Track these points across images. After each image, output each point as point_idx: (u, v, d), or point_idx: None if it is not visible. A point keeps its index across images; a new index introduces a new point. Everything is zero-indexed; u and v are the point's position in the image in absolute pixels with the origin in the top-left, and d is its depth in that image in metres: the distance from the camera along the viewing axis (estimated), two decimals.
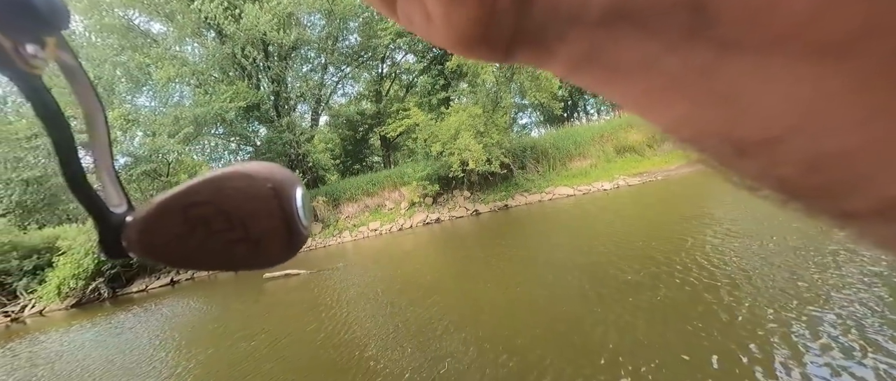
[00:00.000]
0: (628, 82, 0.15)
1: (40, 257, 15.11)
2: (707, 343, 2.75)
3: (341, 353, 4.12)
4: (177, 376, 4.48)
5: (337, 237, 16.07)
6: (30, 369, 6.15)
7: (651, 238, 5.77)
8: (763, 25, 0.11)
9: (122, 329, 7.97)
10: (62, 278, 13.82)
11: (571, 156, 17.34)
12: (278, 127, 17.24)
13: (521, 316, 4.03)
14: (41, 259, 15.11)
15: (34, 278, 15.18)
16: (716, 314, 3.14)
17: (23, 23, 0.19)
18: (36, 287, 15.04)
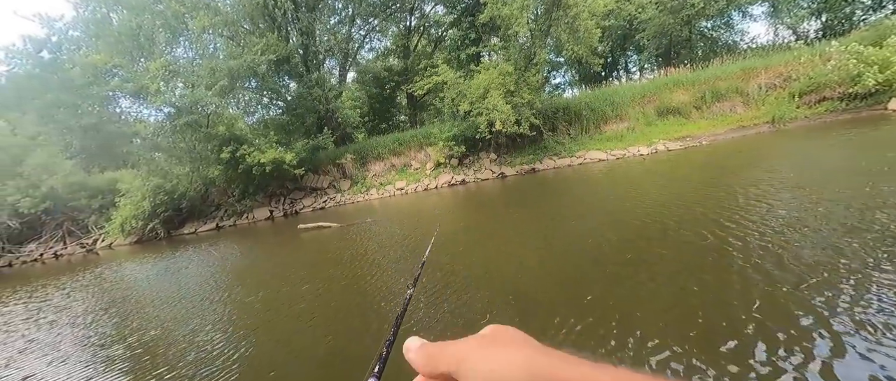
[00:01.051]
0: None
1: (104, 197, 16.92)
2: (722, 318, 2.66)
3: (365, 297, 4.42)
4: (224, 309, 5.01)
5: (364, 194, 16.59)
6: (115, 292, 7.07)
7: (683, 209, 5.47)
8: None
9: (179, 266, 8.89)
10: (125, 218, 15.53)
11: (607, 118, 16.33)
12: (308, 82, 17.30)
13: (537, 276, 4.07)
14: (105, 200, 16.92)
15: (101, 215, 17.14)
16: (740, 295, 3.00)
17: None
18: (104, 224, 17.04)
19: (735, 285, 3.03)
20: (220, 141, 14.61)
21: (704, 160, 9.84)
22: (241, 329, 4.16)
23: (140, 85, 12.59)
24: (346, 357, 3.09)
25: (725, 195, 5.67)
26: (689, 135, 14.03)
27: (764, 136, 12.63)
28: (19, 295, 8.38)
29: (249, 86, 16.84)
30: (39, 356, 4.08)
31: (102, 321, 5.07)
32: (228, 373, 3.12)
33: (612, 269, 3.83)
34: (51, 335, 4.90)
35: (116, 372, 3.32)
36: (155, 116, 15.38)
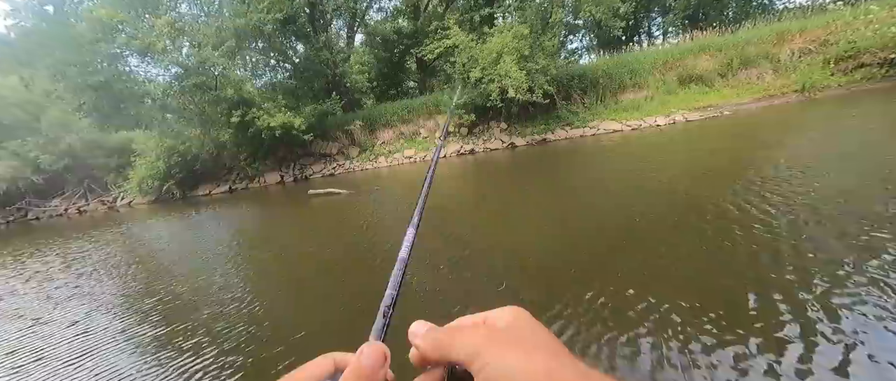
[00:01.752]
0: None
1: (121, 157, 17.42)
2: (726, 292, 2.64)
3: (373, 260, 4.52)
4: (237, 268, 5.23)
5: (373, 162, 16.60)
6: (143, 248, 7.42)
7: (692, 186, 5.31)
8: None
9: (195, 225, 9.23)
10: (141, 177, 16.05)
11: (624, 86, 15.63)
12: (315, 44, 16.79)
13: (542, 246, 4.05)
14: (122, 159, 17.44)
15: (119, 174, 17.74)
16: (750, 268, 2.94)
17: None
18: (122, 183, 17.66)
19: (746, 259, 2.99)
20: (229, 104, 14.54)
21: (724, 132, 9.44)
22: (260, 284, 4.35)
23: (147, 43, 12.40)
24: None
25: (743, 170, 5.48)
26: (710, 105, 13.40)
27: (791, 106, 11.98)
28: (54, 247, 8.86)
29: (256, 47, 16.46)
30: (81, 304, 4.35)
31: (137, 274, 5.31)
32: (258, 320, 3.29)
33: (621, 242, 3.80)
34: (90, 284, 5.20)
35: (153, 322, 3.50)
36: (163, 76, 15.31)
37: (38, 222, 16.62)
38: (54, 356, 3.11)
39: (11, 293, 5.28)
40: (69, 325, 3.75)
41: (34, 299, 4.79)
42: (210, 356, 2.73)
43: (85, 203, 18.18)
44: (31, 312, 4.32)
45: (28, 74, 14.56)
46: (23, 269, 6.81)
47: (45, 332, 3.68)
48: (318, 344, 2.74)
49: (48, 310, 4.32)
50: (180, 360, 2.73)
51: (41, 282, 5.69)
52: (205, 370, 2.60)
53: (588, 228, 4.38)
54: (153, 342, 3.08)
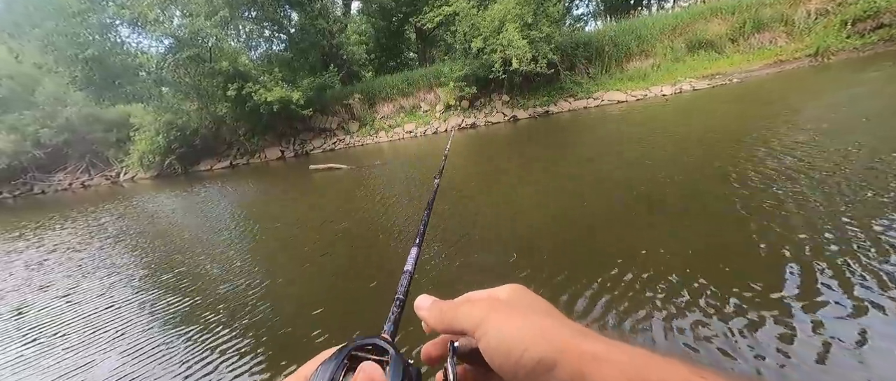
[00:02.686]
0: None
1: (120, 131, 17.35)
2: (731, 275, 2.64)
3: (367, 232, 4.59)
4: (250, 242, 5.32)
5: (373, 137, 16.44)
6: (148, 222, 7.52)
7: (702, 158, 5.24)
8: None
9: (199, 199, 9.31)
10: (142, 152, 16.06)
11: (631, 55, 15.12)
12: (310, 12, 16.15)
13: (540, 219, 4.05)
14: (121, 133, 17.38)
15: (120, 149, 17.76)
16: (754, 255, 2.94)
17: None
18: (123, 157, 17.70)
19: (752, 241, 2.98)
20: (224, 77, 14.22)
21: (731, 101, 9.19)
22: (272, 258, 4.43)
23: (137, 12, 11.97)
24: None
25: (754, 140, 5.38)
26: (719, 72, 12.99)
27: (803, 71, 11.60)
28: (70, 221, 8.97)
29: (250, 16, 15.88)
30: (107, 276, 4.42)
31: (155, 247, 5.38)
32: (275, 296, 3.35)
33: (628, 215, 3.78)
34: (112, 256, 5.29)
35: (176, 295, 3.56)
36: (156, 48, 14.92)
37: (45, 197, 16.83)
38: (89, 326, 3.18)
39: (40, 264, 5.40)
40: (98, 295, 3.84)
41: (63, 271, 4.88)
42: (230, 329, 2.79)
43: (88, 178, 18.32)
44: (62, 283, 4.41)
45: (17, 45, 14.23)
46: (45, 241, 6.94)
47: (78, 301, 3.77)
48: (334, 319, 2.78)
49: (77, 280, 4.41)
50: (204, 334, 2.78)
51: (65, 253, 5.80)
52: (229, 342, 2.67)
53: (593, 200, 4.37)
54: (178, 316, 3.13)
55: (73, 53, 12.29)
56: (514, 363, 0.28)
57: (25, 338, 3.15)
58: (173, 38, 13.00)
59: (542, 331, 0.28)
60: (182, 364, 2.45)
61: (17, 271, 5.21)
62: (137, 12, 12.29)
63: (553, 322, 0.29)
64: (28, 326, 3.38)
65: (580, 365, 0.25)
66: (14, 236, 7.90)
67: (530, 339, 0.28)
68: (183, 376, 2.33)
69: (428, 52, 21.95)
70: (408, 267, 0.47)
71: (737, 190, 3.60)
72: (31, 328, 3.34)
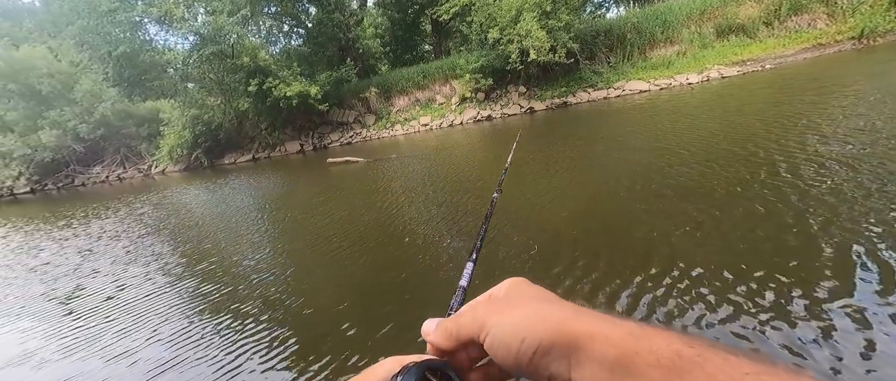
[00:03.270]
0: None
1: (150, 126, 18.25)
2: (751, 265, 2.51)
3: (389, 226, 4.65)
4: (263, 229, 5.51)
5: (389, 130, 16.56)
6: (184, 214, 7.85)
7: (728, 149, 4.97)
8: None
9: (226, 192, 9.67)
10: (170, 146, 16.84)
11: (655, 42, 14.48)
12: (327, 6, 16.34)
13: (555, 213, 3.97)
14: (152, 128, 18.27)
15: (150, 143, 18.69)
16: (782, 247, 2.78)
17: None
18: (154, 151, 18.63)
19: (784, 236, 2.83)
20: (246, 73, 14.65)
21: (766, 88, 8.66)
22: (293, 247, 4.56)
23: (164, 11, 12.46)
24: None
25: (790, 130, 5.07)
26: (750, 58, 12.26)
27: (845, 55, 10.79)
28: (110, 211, 9.52)
29: (269, 11, 16.22)
30: (149, 264, 4.65)
31: (191, 237, 5.65)
32: (305, 290, 3.46)
33: (649, 208, 3.69)
34: (152, 245, 5.59)
35: (212, 284, 3.71)
36: (182, 45, 15.53)
37: (85, 188, 17.95)
38: (135, 311, 3.34)
39: (90, 251, 5.74)
40: (142, 281, 4.04)
41: (109, 258, 5.17)
42: (262, 321, 2.85)
43: (123, 171, 19.40)
44: (109, 269, 4.69)
45: (55, 44, 15.09)
46: (91, 229, 7.38)
47: (124, 286, 3.97)
48: (361, 312, 2.80)
49: (123, 267, 4.67)
50: (238, 322, 2.85)
51: (110, 241, 6.15)
52: (261, 333, 2.75)
53: (614, 193, 4.27)
54: (213, 304, 3.23)
55: (106, 51, 12.96)
56: (515, 354, 0.28)
57: (79, 321, 3.35)
58: (197, 35, 13.46)
59: (537, 317, 0.29)
60: (220, 349, 2.53)
61: (70, 257, 5.56)
62: (164, 10, 12.78)
63: (548, 307, 0.30)
64: (83, 309, 3.59)
65: (575, 343, 0.26)
66: (63, 224, 8.46)
67: (526, 327, 0.28)
68: (221, 362, 2.41)
69: (443, 43, 21.78)
70: (462, 282, 0.44)
71: (784, 182, 3.40)
72: (85, 311, 3.54)
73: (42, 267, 5.23)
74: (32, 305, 3.91)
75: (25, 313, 3.70)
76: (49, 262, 5.47)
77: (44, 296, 4.10)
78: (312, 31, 17.45)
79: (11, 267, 5.54)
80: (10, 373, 2.70)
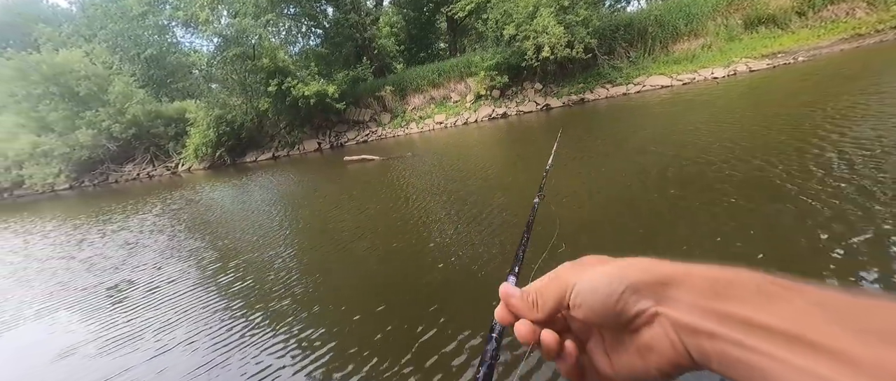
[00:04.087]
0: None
1: (177, 125, 19.03)
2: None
3: (405, 223, 4.72)
4: (284, 226, 5.65)
5: (404, 128, 16.68)
6: (218, 210, 8.07)
7: (753, 149, 4.75)
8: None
9: (246, 189, 9.98)
10: (196, 145, 17.51)
11: (678, 35, 13.99)
12: (343, 6, 16.62)
13: (584, 211, 3.90)
14: (179, 127, 19.05)
15: (177, 142, 19.50)
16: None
17: None
18: (180, 150, 19.43)
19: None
20: (266, 73, 15.08)
21: (799, 81, 8.22)
22: (320, 248, 4.65)
23: (190, 14, 13.01)
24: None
25: (829, 125, 4.79)
26: (781, 50, 11.67)
27: (887, 46, 10.10)
28: (146, 207, 9.93)
29: (288, 12, 16.63)
30: (189, 258, 4.84)
31: (225, 233, 5.81)
32: (337, 291, 3.54)
33: (685, 208, 3.57)
34: (189, 240, 5.82)
35: (246, 280, 3.79)
36: (206, 47, 16.16)
37: (118, 185, 18.92)
38: (178, 307, 3.38)
39: (139, 244, 5.98)
40: (180, 277, 4.13)
41: (150, 252, 5.36)
42: (297, 318, 2.86)
43: (152, 168, 20.35)
44: (151, 262, 4.86)
45: (90, 48, 15.94)
46: (131, 224, 7.70)
47: (166, 282, 4.05)
48: (394, 311, 2.80)
49: (163, 261, 4.84)
50: (276, 322, 2.83)
51: (151, 235, 6.40)
52: (299, 333, 2.82)
53: (644, 192, 4.16)
54: (251, 303, 3.23)
55: (135, 53, 13.63)
56: (603, 296, 0.30)
57: (130, 313, 3.44)
58: (221, 36, 13.96)
59: (624, 264, 0.31)
60: (260, 350, 2.49)
61: (114, 251, 5.77)
62: (190, 13, 13.33)
63: (633, 259, 0.32)
64: (129, 304, 3.67)
65: (666, 280, 0.29)
66: (105, 219, 8.84)
67: (614, 273, 0.31)
68: (256, 360, 2.39)
69: (459, 41, 21.74)
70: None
71: (821, 183, 3.21)
72: (135, 302, 3.64)
73: (94, 259, 5.46)
74: (87, 296, 4.06)
75: (83, 305, 3.84)
76: (99, 253, 5.71)
77: (98, 286, 4.28)
78: (330, 32, 17.78)
79: (67, 259, 5.82)
80: (69, 362, 2.83)
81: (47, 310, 3.86)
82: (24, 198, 20.34)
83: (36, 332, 3.43)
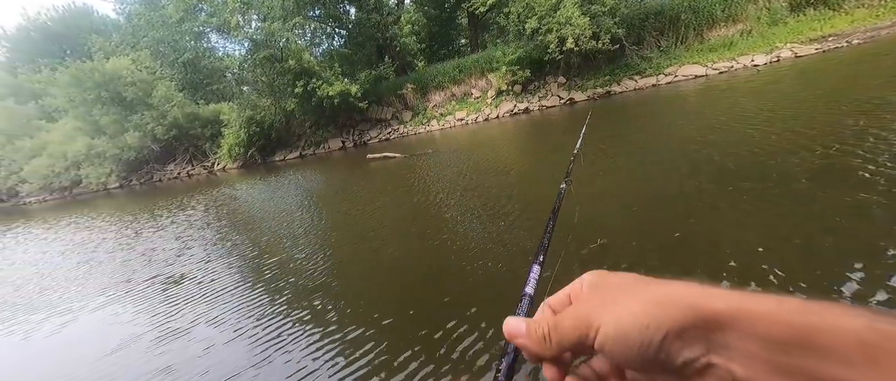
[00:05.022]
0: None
1: (213, 127, 20.19)
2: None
3: (427, 219, 4.76)
4: (315, 223, 5.85)
5: (425, 126, 16.79)
6: (258, 206, 8.40)
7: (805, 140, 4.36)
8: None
9: (277, 187, 10.37)
10: (230, 145, 18.52)
11: (714, 22, 13.16)
12: (366, 5, 16.94)
13: (616, 209, 3.78)
14: (214, 129, 20.20)
15: (213, 143, 20.67)
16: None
17: None
18: (216, 150, 20.59)
19: None
20: (293, 75, 15.65)
21: (855, 66, 7.47)
22: (343, 240, 4.80)
23: (222, 19, 13.75)
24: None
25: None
26: (833, 33, 10.69)
27: None
28: (191, 203, 10.41)
29: (314, 15, 17.17)
30: (231, 253, 5.05)
31: (264, 228, 6.01)
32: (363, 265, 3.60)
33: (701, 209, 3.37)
34: (233, 235, 6.14)
35: (285, 277, 3.85)
36: (238, 51, 17.01)
37: (162, 184, 20.32)
38: (225, 303, 3.44)
39: (188, 239, 6.25)
40: (227, 272, 4.24)
41: (198, 247, 5.60)
42: (333, 317, 2.90)
43: (191, 168, 21.70)
44: (201, 255, 5.09)
45: (137, 55, 17.22)
46: (179, 220, 8.13)
47: (214, 278, 4.14)
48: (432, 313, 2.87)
49: (215, 253, 5.09)
50: (315, 323, 2.84)
51: (198, 230, 6.75)
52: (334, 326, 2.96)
53: (678, 190, 3.98)
54: (289, 294, 3.30)
55: (174, 58, 14.56)
56: (638, 344, 0.25)
57: (179, 308, 3.54)
58: (252, 40, 14.63)
59: (660, 300, 0.25)
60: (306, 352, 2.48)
61: (168, 244, 6.09)
62: (223, 19, 14.06)
63: (668, 288, 0.26)
64: (181, 296, 3.82)
65: (717, 323, 0.22)
66: (158, 214, 9.36)
67: (648, 313, 0.25)
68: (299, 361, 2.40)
69: (480, 37, 21.55)
70: (528, 289, 0.38)
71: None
72: (182, 297, 3.78)
73: (150, 252, 5.80)
74: (147, 287, 4.28)
75: (143, 296, 4.07)
76: (155, 247, 6.05)
77: (156, 278, 4.52)
78: (353, 32, 18.17)
79: (128, 250, 6.28)
80: (126, 354, 3.03)
81: (110, 300, 4.13)
82: (82, 196, 22.23)
83: (101, 320, 3.67)
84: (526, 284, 0.39)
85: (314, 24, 16.80)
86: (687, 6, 13.27)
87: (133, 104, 19.75)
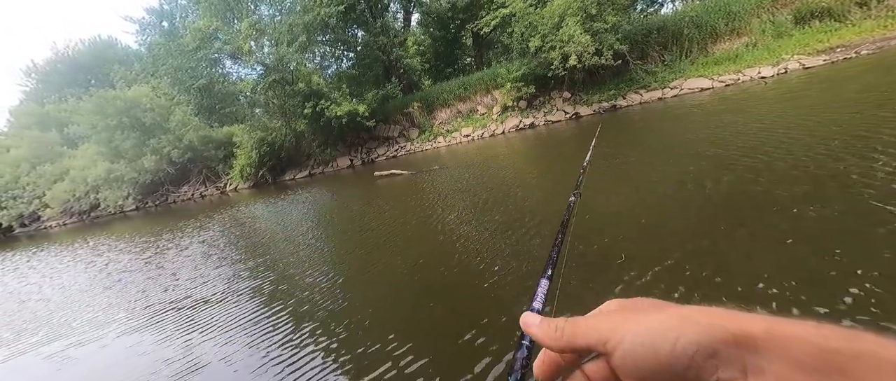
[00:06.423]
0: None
1: (226, 148, 20.81)
2: None
3: (434, 234, 4.73)
4: (319, 242, 5.90)
5: (432, 142, 16.98)
6: (275, 226, 8.36)
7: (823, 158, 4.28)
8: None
9: (288, 206, 10.49)
10: (241, 166, 19.02)
11: (719, 35, 13.20)
12: (373, 29, 17.54)
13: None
14: (226, 151, 20.82)
15: (225, 164, 21.25)
16: None
17: None
18: (228, 171, 21.13)
19: None
20: (302, 97, 16.17)
21: (866, 76, 7.36)
22: (351, 258, 4.83)
23: (236, 46, 14.42)
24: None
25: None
26: (841, 44, 10.60)
27: None
28: (205, 224, 10.54)
29: (323, 39, 17.85)
30: (249, 277, 5.26)
31: (278, 247, 6.10)
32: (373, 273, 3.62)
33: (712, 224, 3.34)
34: (246, 256, 6.26)
35: (300, 294, 3.95)
36: (250, 75, 17.71)
37: (176, 205, 20.80)
38: (248, 328, 3.35)
39: (207, 259, 6.26)
40: (250, 297, 4.13)
41: (217, 269, 5.54)
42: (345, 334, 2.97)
43: (204, 189, 22.25)
44: (224, 277, 5.06)
45: (156, 83, 18.09)
46: (196, 240, 8.22)
47: (238, 301, 4.06)
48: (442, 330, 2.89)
49: (229, 279, 4.97)
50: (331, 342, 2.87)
51: (216, 248, 6.85)
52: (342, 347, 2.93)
53: (689, 209, 3.95)
54: (314, 318, 3.21)
55: (191, 84, 15.23)
56: (666, 359, 0.24)
57: (211, 331, 3.49)
58: (263, 65, 15.23)
59: (692, 317, 0.24)
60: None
61: (187, 268, 6.01)
62: (236, 45, 14.73)
63: (697, 308, 0.25)
64: (205, 320, 3.77)
65: (753, 344, 0.22)
66: (178, 235, 9.41)
67: (678, 327, 0.24)
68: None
69: (484, 55, 22.00)
70: (535, 305, 0.37)
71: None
72: (204, 322, 3.72)
73: (171, 276, 5.77)
74: (170, 311, 4.25)
75: (165, 320, 4.04)
76: (175, 270, 6.03)
77: (180, 301, 4.48)
78: (361, 54, 18.77)
79: (149, 273, 6.36)
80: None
81: (134, 326, 4.08)
82: (100, 219, 22.85)
83: (126, 344, 3.66)
84: (534, 298, 0.39)
85: (324, 47, 17.43)
86: (689, 21, 13.38)
87: (151, 129, 20.58)
